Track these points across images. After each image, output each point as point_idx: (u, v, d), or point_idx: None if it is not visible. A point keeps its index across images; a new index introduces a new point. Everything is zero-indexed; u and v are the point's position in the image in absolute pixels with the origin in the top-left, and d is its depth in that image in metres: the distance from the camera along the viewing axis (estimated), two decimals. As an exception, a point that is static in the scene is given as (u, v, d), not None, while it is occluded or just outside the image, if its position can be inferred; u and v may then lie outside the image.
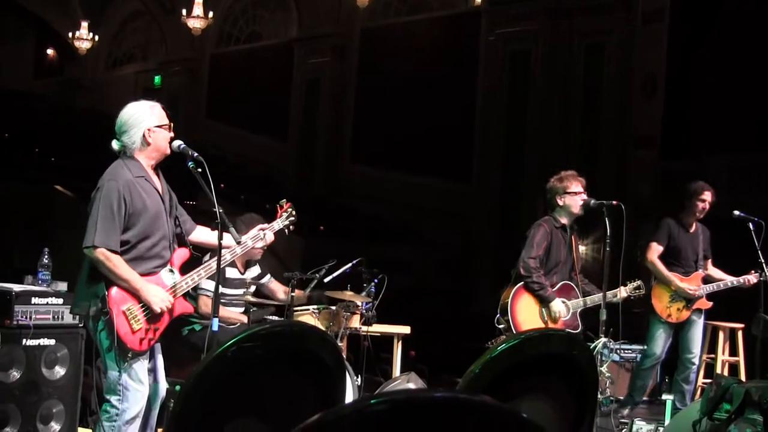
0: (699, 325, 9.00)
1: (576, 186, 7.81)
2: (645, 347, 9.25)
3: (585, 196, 7.78)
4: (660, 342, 8.97)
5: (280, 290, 8.20)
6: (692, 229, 9.01)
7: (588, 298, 7.82)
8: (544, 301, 7.71)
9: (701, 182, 9.03)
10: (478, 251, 19.30)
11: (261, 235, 5.92)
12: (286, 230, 6.19)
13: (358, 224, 21.05)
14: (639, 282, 8.05)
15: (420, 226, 20.55)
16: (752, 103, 14.79)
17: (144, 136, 5.38)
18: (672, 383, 9.32)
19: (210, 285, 7.31)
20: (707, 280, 9.00)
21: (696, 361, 8.98)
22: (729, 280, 8.91)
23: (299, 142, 24.89)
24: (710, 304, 8.97)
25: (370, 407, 1.66)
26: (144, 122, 5.39)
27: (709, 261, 9.16)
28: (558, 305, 7.71)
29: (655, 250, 8.85)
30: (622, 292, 7.84)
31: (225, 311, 7.58)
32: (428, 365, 11.22)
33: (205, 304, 7.34)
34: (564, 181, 7.84)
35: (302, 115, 24.94)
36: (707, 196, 8.90)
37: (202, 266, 5.65)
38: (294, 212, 6.20)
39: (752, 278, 8.78)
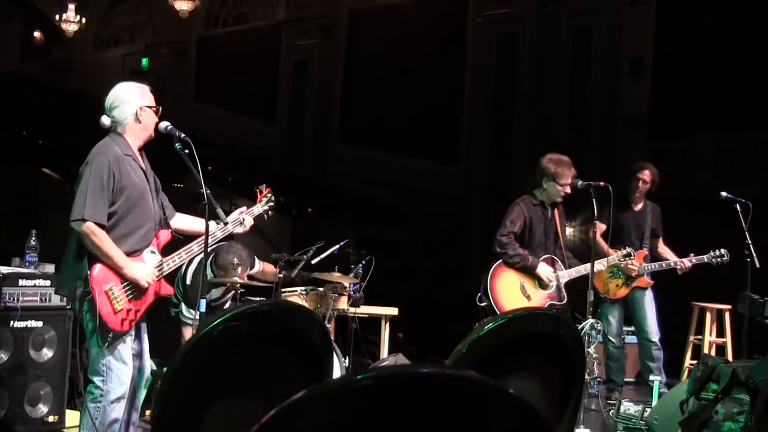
0: (646, 302, 9.03)
1: (566, 179, 7.80)
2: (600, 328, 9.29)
3: (568, 189, 7.79)
4: (611, 319, 9.06)
5: (258, 267, 8.20)
6: (638, 208, 9.09)
7: (573, 269, 7.83)
8: (529, 270, 7.72)
9: (642, 162, 9.14)
10: (466, 232, 19.33)
11: (240, 219, 5.91)
12: (266, 215, 6.17)
13: (347, 205, 21.07)
14: (629, 249, 8.10)
15: (408, 208, 20.57)
16: (739, 84, 14.82)
17: (136, 113, 5.39)
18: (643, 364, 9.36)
19: (192, 314, 7.28)
20: (655, 258, 9.05)
21: (653, 338, 8.99)
22: (669, 261, 8.94)
23: (287, 124, 24.88)
24: (651, 282, 9.01)
25: (357, 382, 1.66)
26: (136, 100, 5.41)
27: (660, 239, 9.20)
28: (544, 269, 7.73)
29: (599, 228, 8.87)
30: (613, 259, 7.89)
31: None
32: (416, 347, 11.23)
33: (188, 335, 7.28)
34: (557, 168, 7.80)
35: (290, 96, 24.93)
36: (645, 175, 8.99)
37: (183, 248, 5.64)
38: (273, 197, 6.19)
39: (687, 263, 8.81)
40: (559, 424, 3.27)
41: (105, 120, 5.44)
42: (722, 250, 8.65)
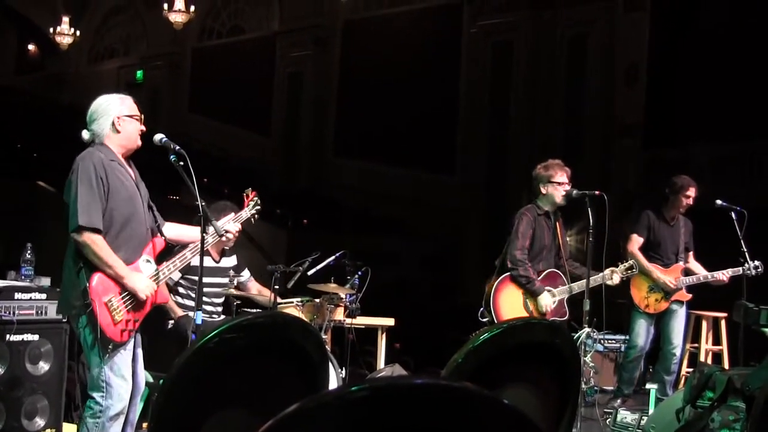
0: (680, 316, 9.04)
1: (560, 176, 7.85)
2: (628, 338, 9.32)
3: (568, 187, 7.81)
4: (641, 333, 9.04)
5: (254, 288, 8.22)
6: (673, 222, 9.06)
7: (575, 284, 7.83)
8: (531, 294, 7.73)
9: (687, 177, 9.07)
10: (463, 242, 19.33)
11: (227, 228, 5.91)
12: (252, 219, 6.20)
13: (343, 217, 21.08)
14: (632, 262, 8.09)
15: (405, 218, 20.58)
16: (735, 92, 14.83)
17: (113, 124, 5.38)
18: (654, 373, 9.37)
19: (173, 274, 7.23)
20: (687, 272, 9.06)
21: (677, 352, 9.01)
22: (703, 275, 8.97)
23: (282, 136, 24.88)
24: (689, 296, 9.03)
25: (351, 394, 1.66)
26: (113, 111, 5.40)
27: (691, 254, 9.21)
28: (545, 299, 7.73)
29: (636, 241, 8.92)
30: (617, 274, 7.88)
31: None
32: (414, 357, 11.24)
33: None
34: (549, 170, 7.89)
35: (285, 108, 24.93)
36: (692, 192, 8.97)
37: (177, 256, 5.64)
38: (260, 201, 6.21)
39: (723, 277, 8.83)
40: (556, 434, 3.27)
41: (85, 134, 5.45)
42: (757, 262, 8.66)
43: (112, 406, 5.23)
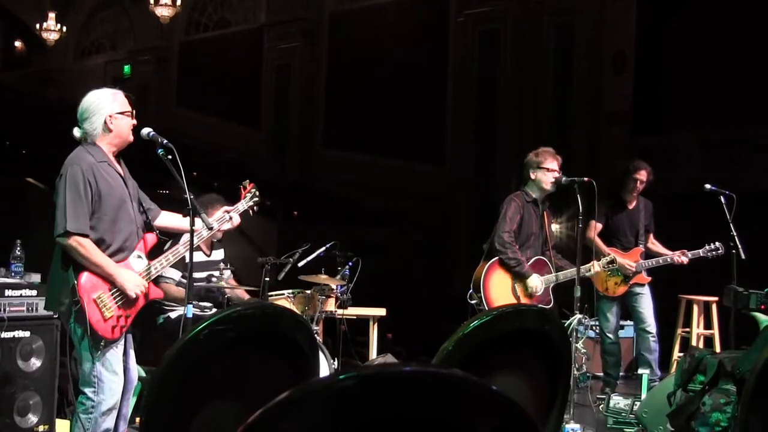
0: (645, 296, 9.11)
1: (551, 163, 7.88)
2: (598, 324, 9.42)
3: (557, 174, 7.83)
4: (609, 316, 9.17)
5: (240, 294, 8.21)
6: (631, 206, 9.17)
7: (561, 273, 7.89)
8: (520, 277, 7.76)
9: (640, 161, 9.23)
10: (453, 232, 19.31)
11: (226, 218, 5.92)
12: (251, 211, 6.18)
13: (333, 208, 21.04)
14: (612, 256, 8.16)
15: (395, 209, 20.54)
16: (722, 78, 14.85)
17: (105, 122, 5.36)
18: (638, 356, 9.41)
19: (172, 273, 7.25)
20: (648, 254, 9.12)
21: (651, 330, 9.08)
22: (662, 257, 9.01)
23: (271, 128, 24.81)
24: (649, 279, 9.09)
25: (339, 383, 1.66)
26: (105, 109, 5.38)
27: (651, 235, 9.29)
28: (534, 281, 7.78)
29: (594, 228, 8.97)
30: (596, 266, 7.92)
31: (175, 290, 7.43)
32: (406, 347, 11.24)
33: (168, 291, 7.24)
34: (540, 156, 7.93)
35: (273, 100, 24.85)
36: (642, 175, 9.07)
37: (170, 251, 5.64)
38: (257, 192, 6.19)
39: (683, 259, 8.86)
40: (547, 420, 3.27)
41: (76, 132, 5.43)
42: (717, 243, 8.70)
43: (104, 401, 5.24)
